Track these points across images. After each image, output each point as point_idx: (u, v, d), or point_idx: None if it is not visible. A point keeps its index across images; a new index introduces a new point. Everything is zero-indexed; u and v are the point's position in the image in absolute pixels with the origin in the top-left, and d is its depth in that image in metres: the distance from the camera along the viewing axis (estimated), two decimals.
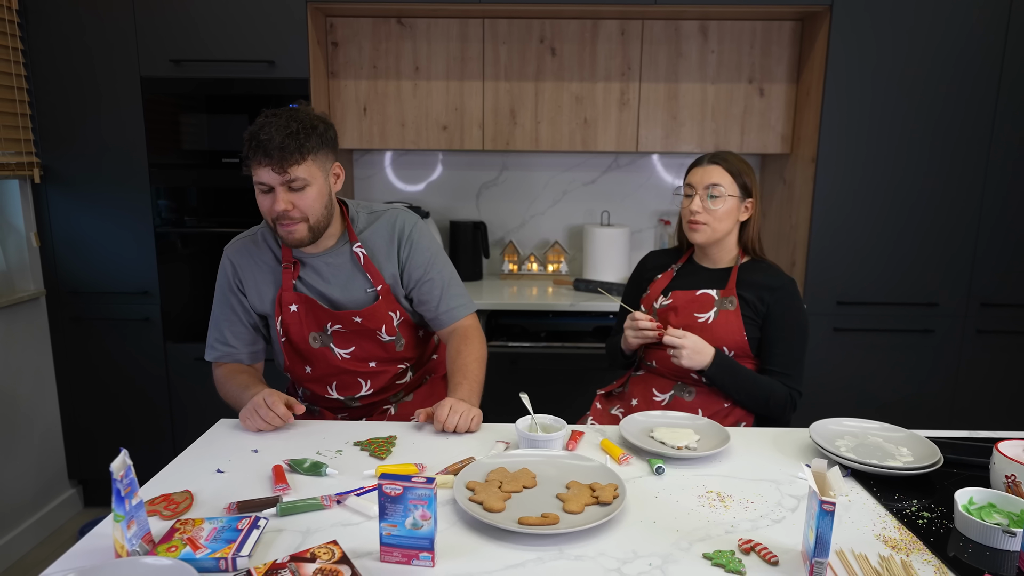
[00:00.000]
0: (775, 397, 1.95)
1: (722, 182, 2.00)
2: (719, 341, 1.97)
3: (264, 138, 1.67)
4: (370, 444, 1.66)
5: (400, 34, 3.24)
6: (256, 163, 1.70)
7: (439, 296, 1.96)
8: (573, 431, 1.75)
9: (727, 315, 1.99)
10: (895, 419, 1.86)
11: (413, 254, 1.93)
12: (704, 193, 2.00)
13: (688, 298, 2.04)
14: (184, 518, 1.30)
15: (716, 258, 2.10)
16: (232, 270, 1.92)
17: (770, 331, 1.99)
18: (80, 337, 3.17)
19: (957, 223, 3.05)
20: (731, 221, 2.03)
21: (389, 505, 1.18)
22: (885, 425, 1.73)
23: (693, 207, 2.01)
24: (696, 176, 2.04)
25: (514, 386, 1.99)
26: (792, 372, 1.98)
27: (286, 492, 1.43)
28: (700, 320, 2.01)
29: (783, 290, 1.99)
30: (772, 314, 1.98)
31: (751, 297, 1.99)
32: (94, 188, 3.04)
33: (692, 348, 1.90)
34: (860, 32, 2.92)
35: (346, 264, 1.90)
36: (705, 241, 2.04)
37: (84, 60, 2.95)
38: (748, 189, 2.04)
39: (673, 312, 2.05)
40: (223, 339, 1.95)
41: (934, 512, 1.39)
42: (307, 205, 1.74)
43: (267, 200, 1.74)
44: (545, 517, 1.29)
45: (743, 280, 2.02)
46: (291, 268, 1.88)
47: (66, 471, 3.29)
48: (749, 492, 1.46)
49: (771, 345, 1.99)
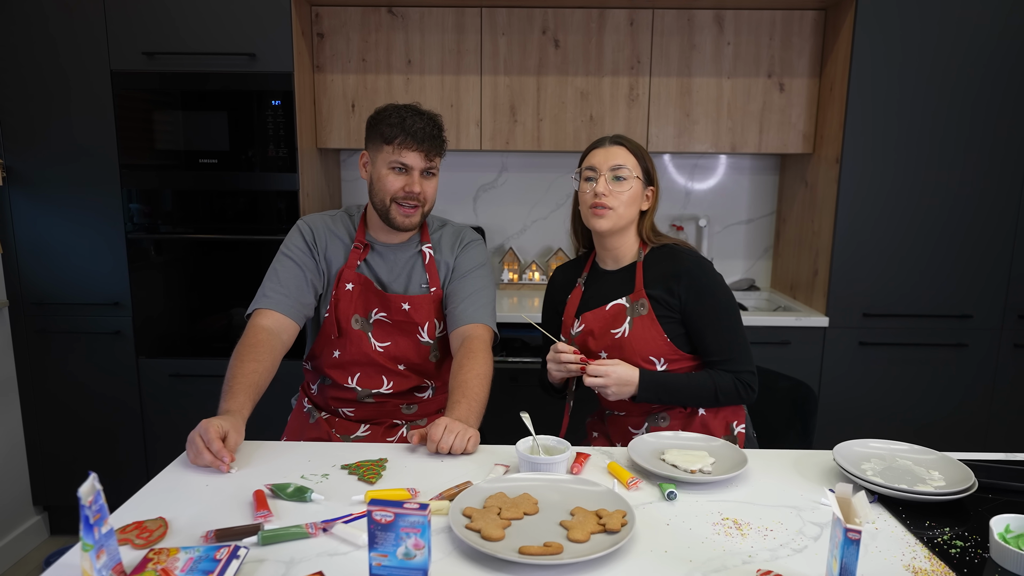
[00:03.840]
0: (722, 389, 1.95)
1: (627, 163, 1.99)
2: (642, 352, 1.97)
3: (417, 127, 2.01)
4: (359, 467, 1.66)
5: (391, 24, 3.25)
6: (404, 146, 2.01)
7: (466, 296, 2.13)
8: (578, 453, 1.75)
9: (642, 322, 1.98)
10: (926, 440, 1.86)
11: (465, 254, 2.20)
12: (609, 175, 1.98)
13: (599, 317, 2.04)
14: (158, 547, 1.30)
15: (619, 254, 2.08)
16: (311, 233, 2.16)
17: (692, 322, 1.98)
18: (46, 352, 3.18)
19: (993, 229, 3.06)
20: (635, 208, 2.03)
21: (379, 533, 1.18)
22: (915, 447, 1.73)
23: (599, 188, 1.98)
24: (598, 157, 2.02)
25: (515, 404, 1.98)
26: (732, 355, 1.97)
27: (268, 519, 1.43)
28: (616, 336, 2.00)
29: (689, 274, 1.97)
30: (687, 304, 1.97)
31: (659, 293, 1.98)
32: (61, 191, 3.06)
33: (617, 381, 1.91)
34: (887, 22, 2.93)
35: (412, 259, 2.18)
36: (610, 228, 2.00)
37: (49, 53, 2.97)
38: (650, 175, 2.05)
39: (590, 336, 2.05)
40: (279, 286, 2.07)
41: (968, 541, 1.39)
42: (430, 193, 2.10)
43: (400, 180, 2.04)
44: (548, 546, 1.29)
45: (648, 276, 2.01)
46: (361, 249, 2.15)
47: (30, 496, 3.29)
48: (768, 519, 1.46)
49: (700, 336, 1.98)
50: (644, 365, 1.98)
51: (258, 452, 1.75)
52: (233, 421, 1.72)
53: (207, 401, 3.05)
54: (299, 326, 2.08)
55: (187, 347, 3.20)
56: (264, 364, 1.91)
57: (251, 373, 1.87)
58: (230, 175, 3.07)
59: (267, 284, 2.09)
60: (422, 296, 2.14)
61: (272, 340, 1.97)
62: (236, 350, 1.93)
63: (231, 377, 1.86)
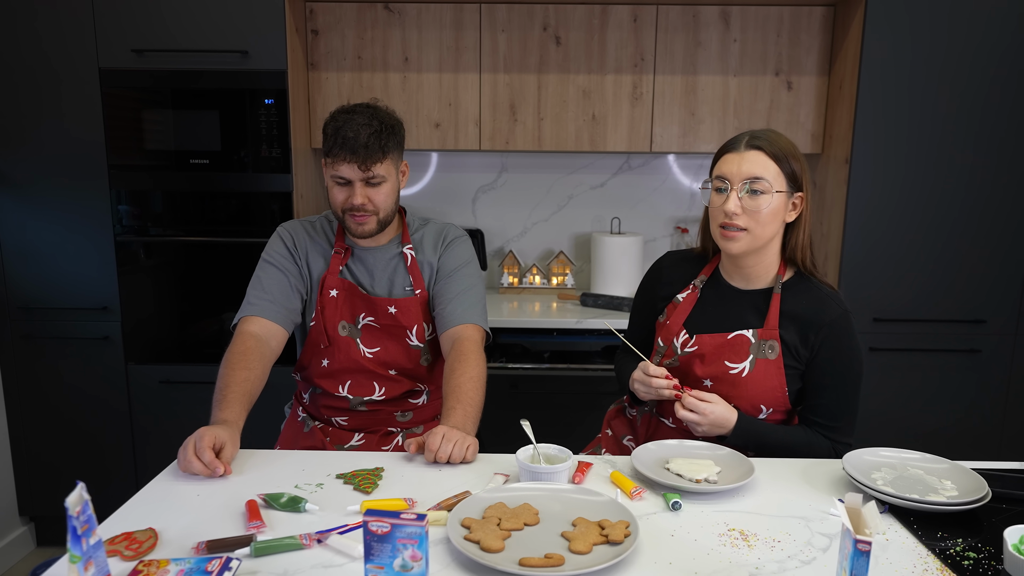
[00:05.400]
0: (815, 454, 1.82)
1: (766, 174, 1.75)
2: (754, 399, 1.83)
3: (350, 135, 1.93)
4: (354, 477, 1.67)
5: (388, 21, 3.26)
6: (339, 158, 1.96)
7: (453, 296, 2.11)
8: (580, 462, 1.75)
9: (766, 366, 1.81)
10: (938, 449, 1.86)
11: (449, 253, 2.18)
12: (742, 187, 1.75)
13: (718, 344, 1.85)
14: (148, 559, 1.31)
15: (752, 275, 1.87)
16: (291, 239, 2.16)
17: (815, 377, 1.83)
18: (32, 358, 3.18)
19: (1007, 231, 3.07)
20: (776, 224, 1.79)
21: (375, 544, 1.19)
22: (927, 455, 1.73)
23: (729, 207, 1.75)
24: (731, 165, 1.77)
25: (514, 412, 1.99)
26: (839, 424, 1.84)
27: (261, 530, 1.43)
28: (732, 372, 1.83)
29: (833, 327, 1.79)
30: (819, 358, 1.81)
31: (792, 339, 1.81)
32: (47, 192, 3.06)
33: (712, 423, 1.78)
34: (898, 18, 2.94)
35: (394, 262, 2.16)
36: (742, 251, 1.80)
37: (36, 50, 2.97)
38: (797, 179, 1.79)
39: (699, 360, 1.86)
40: (263, 292, 2.07)
41: (981, 552, 1.39)
42: (381, 200, 2.03)
43: (343, 193, 2.01)
44: (549, 558, 1.29)
45: (785, 313, 1.82)
46: (341, 254, 2.14)
47: (16, 507, 3.29)
48: (775, 530, 1.46)
49: (816, 393, 1.84)
50: (749, 411, 1.84)
51: (251, 461, 1.75)
52: (230, 432, 1.72)
53: (198, 408, 3.04)
54: (287, 332, 2.08)
55: (177, 353, 3.20)
56: (255, 372, 1.91)
57: (244, 382, 1.87)
58: (222, 176, 3.07)
59: (251, 292, 2.09)
60: (407, 299, 2.13)
61: (262, 347, 1.98)
62: (226, 358, 1.93)
63: (223, 386, 1.86)
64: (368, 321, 2.13)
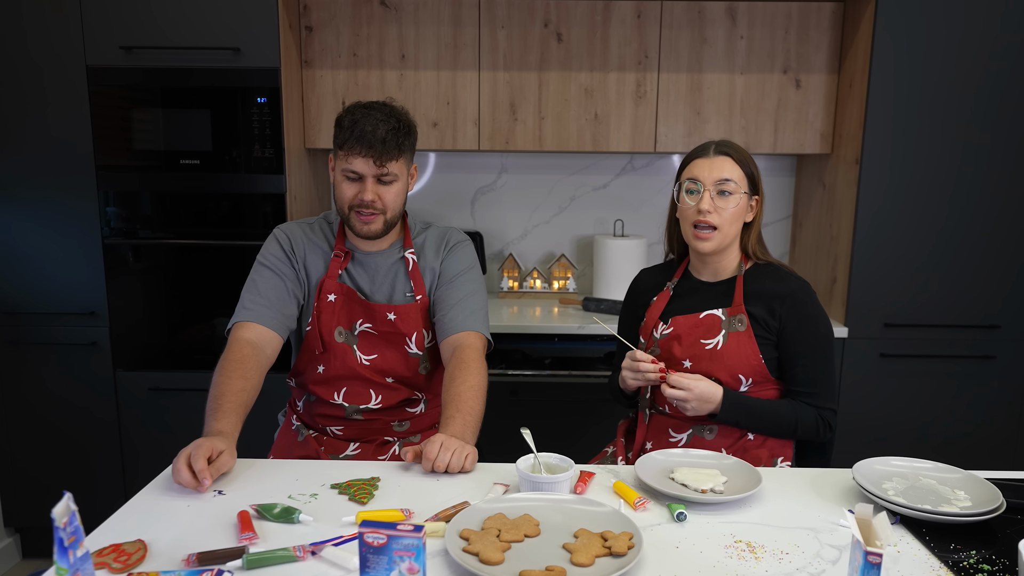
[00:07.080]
0: (803, 424, 1.98)
1: (734, 176, 1.98)
2: (733, 369, 1.98)
3: (368, 129, 1.95)
4: (350, 487, 1.67)
5: (384, 17, 3.27)
6: (353, 151, 1.97)
7: (455, 302, 2.12)
8: (582, 472, 1.75)
9: (738, 337, 1.99)
10: (950, 458, 1.86)
11: (451, 258, 2.19)
12: (714, 190, 1.97)
13: (691, 323, 2.04)
14: (137, 571, 1.31)
15: (719, 269, 2.10)
16: (288, 242, 2.16)
17: (787, 347, 2.00)
18: (17, 364, 3.18)
19: (1022, 233, 3.07)
20: (739, 223, 2.03)
21: (371, 556, 1.19)
22: (939, 465, 1.73)
23: (703, 206, 1.97)
24: (702, 169, 2.00)
25: (515, 420, 1.99)
26: (819, 390, 2.00)
27: (253, 541, 1.43)
28: (708, 347, 2.01)
29: (794, 297, 1.99)
30: (786, 327, 1.99)
31: (760, 312, 1.99)
32: (33, 193, 3.06)
33: (698, 397, 1.92)
34: (910, 14, 2.94)
35: (395, 266, 2.17)
36: (713, 250, 2.02)
37: (20, 47, 2.98)
38: (756, 184, 2.04)
39: (676, 341, 2.04)
40: (258, 297, 2.07)
41: (995, 565, 1.39)
42: (390, 199, 2.04)
43: (352, 188, 2.02)
44: (550, 570, 1.29)
45: (749, 292, 2.02)
46: (341, 257, 2.14)
47: (1, 518, 3.29)
48: (783, 542, 1.47)
49: (791, 363, 2.01)
50: (730, 382, 1.99)
51: (243, 470, 1.76)
52: (228, 443, 1.73)
53: (189, 416, 3.06)
54: (283, 339, 2.08)
55: (167, 359, 3.20)
56: (251, 382, 1.92)
57: (240, 391, 1.87)
58: (213, 177, 3.07)
59: (246, 296, 2.09)
60: (408, 305, 2.14)
61: (257, 355, 1.98)
62: (220, 365, 1.93)
63: (219, 395, 1.86)
64: (365, 328, 2.13)
